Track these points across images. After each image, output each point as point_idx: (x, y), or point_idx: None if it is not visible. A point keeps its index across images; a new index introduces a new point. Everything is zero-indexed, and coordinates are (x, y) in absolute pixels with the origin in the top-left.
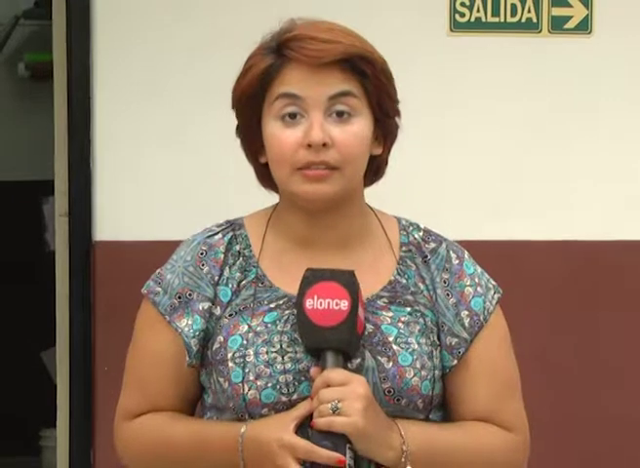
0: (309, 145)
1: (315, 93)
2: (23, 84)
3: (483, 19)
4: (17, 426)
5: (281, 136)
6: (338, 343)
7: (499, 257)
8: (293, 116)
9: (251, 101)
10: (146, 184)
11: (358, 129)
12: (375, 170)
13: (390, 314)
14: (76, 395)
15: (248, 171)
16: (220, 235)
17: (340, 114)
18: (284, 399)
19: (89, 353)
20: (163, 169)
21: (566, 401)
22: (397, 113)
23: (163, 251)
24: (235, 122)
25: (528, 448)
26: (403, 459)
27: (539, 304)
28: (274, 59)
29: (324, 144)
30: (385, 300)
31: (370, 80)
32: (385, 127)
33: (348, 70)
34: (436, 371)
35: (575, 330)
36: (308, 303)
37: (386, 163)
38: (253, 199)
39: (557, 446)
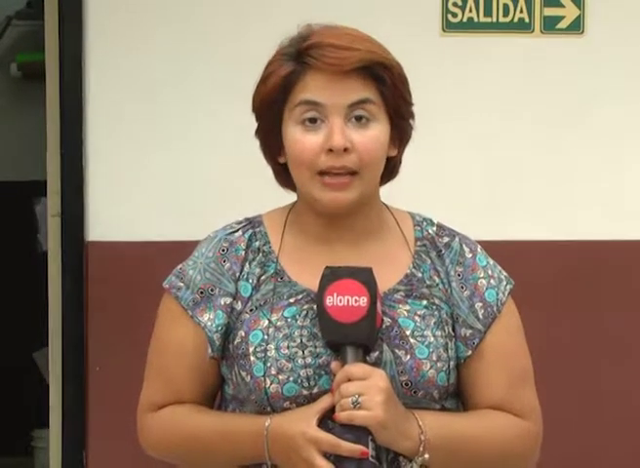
0: (330, 150)
1: (336, 100)
2: (15, 84)
3: (475, 20)
4: (9, 426)
5: (302, 141)
6: (358, 338)
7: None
8: (313, 121)
9: (272, 107)
10: (139, 184)
11: (377, 134)
12: (390, 170)
13: (407, 307)
14: (69, 395)
15: (240, 172)
16: (240, 232)
17: (358, 119)
18: (305, 392)
19: (81, 353)
20: (155, 169)
21: (565, 402)
22: (412, 115)
23: (155, 251)
24: (229, 122)
25: (541, 435)
26: (421, 448)
27: (537, 305)
28: (294, 66)
29: (345, 149)
30: (402, 294)
31: (387, 86)
32: (401, 129)
33: (367, 76)
34: (451, 362)
35: (575, 330)
36: (328, 300)
37: (400, 162)
38: (245, 200)
39: (557, 443)
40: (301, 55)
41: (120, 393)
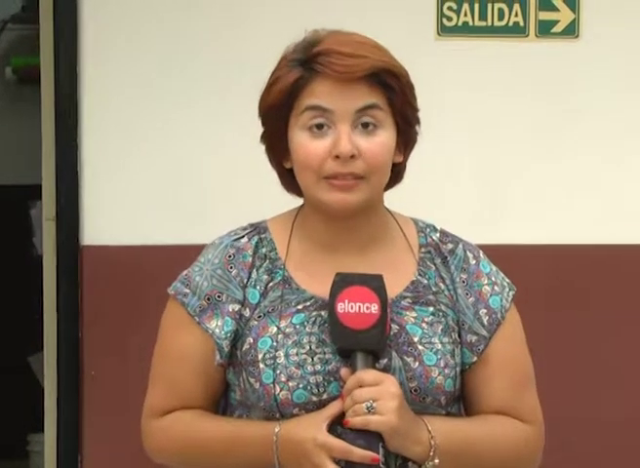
0: (337, 156)
1: (343, 106)
2: (10, 88)
3: (470, 24)
4: (4, 431)
5: (309, 147)
6: (368, 345)
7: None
8: (320, 127)
9: (278, 112)
10: (134, 189)
11: (384, 140)
12: (395, 176)
13: (414, 314)
14: (64, 399)
15: (233, 176)
16: (246, 238)
17: (365, 126)
18: (314, 399)
19: (76, 357)
20: (150, 173)
21: (560, 404)
22: (418, 121)
23: (150, 255)
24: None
25: (543, 438)
26: (431, 453)
27: (533, 309)
28: (302, 72)
29: (352, 156)
30: (409, 301)
31: (396, 93)
32: (407, 135)
33: (374, 83)
34: (457, 369)
35: (570, 334)
36: (340, 307)
37: (405, 168)
38: (242, 204)
39: (554, 448)
40: (309, 61)
41: (115, 397)
